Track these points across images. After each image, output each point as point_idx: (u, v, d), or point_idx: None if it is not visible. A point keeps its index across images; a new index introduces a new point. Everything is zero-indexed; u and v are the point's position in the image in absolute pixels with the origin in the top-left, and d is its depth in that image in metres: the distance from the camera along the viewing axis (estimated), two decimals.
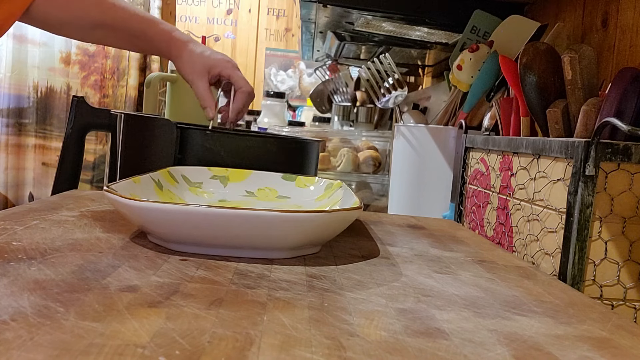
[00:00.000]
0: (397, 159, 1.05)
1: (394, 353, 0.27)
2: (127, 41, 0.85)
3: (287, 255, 0.45)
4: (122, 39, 0.84)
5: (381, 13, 1.15)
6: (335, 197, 0.59)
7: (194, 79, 0.78)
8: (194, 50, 0.79)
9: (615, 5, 0.84)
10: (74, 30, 0.84)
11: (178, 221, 0.40)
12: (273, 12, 3.00)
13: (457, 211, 0.86)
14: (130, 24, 0.81)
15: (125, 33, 0.82)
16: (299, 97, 2.79)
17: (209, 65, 0.78)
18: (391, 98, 1.27)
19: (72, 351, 0.24)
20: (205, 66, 0.78)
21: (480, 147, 0.78)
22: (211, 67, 0.78)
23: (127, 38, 0.83)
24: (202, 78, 0.78)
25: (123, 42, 0.86)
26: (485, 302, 0.37)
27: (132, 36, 0.82)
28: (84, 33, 0.84)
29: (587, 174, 0.51)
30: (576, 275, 0.52)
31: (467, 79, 1.00)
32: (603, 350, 0.30)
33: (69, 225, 0.50)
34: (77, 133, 0.84)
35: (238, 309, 0.31)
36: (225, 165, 0.68)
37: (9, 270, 0.35)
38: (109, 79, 2.52)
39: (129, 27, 0.81)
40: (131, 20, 0.81)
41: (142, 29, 0.81)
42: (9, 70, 2.39)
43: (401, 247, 0.54)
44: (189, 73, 0.79)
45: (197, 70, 0.78)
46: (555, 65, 0.66)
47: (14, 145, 2.44)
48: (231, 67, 0.79)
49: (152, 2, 2.61)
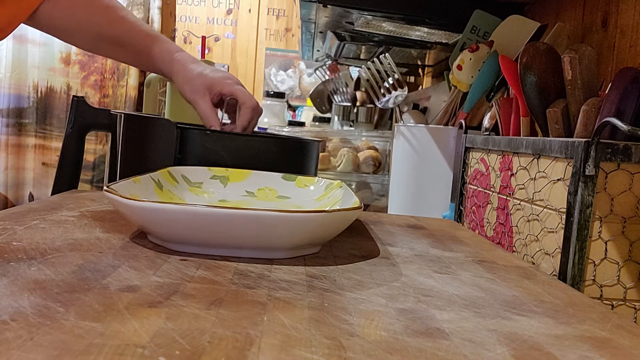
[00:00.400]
0: (397, 159, 1.05)
1: (394, 353, 0.27)
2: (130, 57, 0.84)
3: (287, 255, 0.45)
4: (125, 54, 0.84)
5: (381, 13, 1.15)
6: (335, 197, 0.59)
7: (196, 98, 0.77)
8: (194, 69, 0.77)
9: (615, 5, 0.84)
10: (79, 38, 0.84)
11: (178, 221, 0.40)
12: (273, 12, 3.00)
13: (457, 211, 0.86)
14: (135, 39, 0.81)
15: (129, 48, 0.82)
16: (299, 97, 2.79)
17: (208, 84, 0.76)
18: (391, 98, 1.27)
19: (72, 351, 0.24)
20: (205, 85, 0.76)
21: (480, 147, 0.78)
22: (211, 85, 0.76)
23: (130, 54, 0.83)
24: (204, 97, 0.76)
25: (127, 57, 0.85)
26: (485, 302, 0.37)
27: (135, 52, 0.82)
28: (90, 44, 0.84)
29: (587, 174, 0.51)
30: (576, 275, 0.52)
31: (467, 79, 1.00)
32: (603, 350, 0.30)
33: (69, 225, 0.50)
34: (77, 133, 0.84)
35: (238, 309, 0.31)
36: (225, 165, 0.68)
37: (9, 270, 0.35)
38: (109, 79, 2.52)
39: (134, 43, 0.81)
40: (136, 36, 0.81)
41: (146, 46, 0.81)
42: (9, 70, 2.39)
43: (401, 247, 0.54)
44: (190, 93, 0.77)
45: (198, 89, 0.76)
46: (555, 65, 0.66)
47: (14, 145, 2.44)
48: (232, 84, 0.77)
49: (152, 2, 2.61)
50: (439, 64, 1.63)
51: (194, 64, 0.78)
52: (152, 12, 2.63)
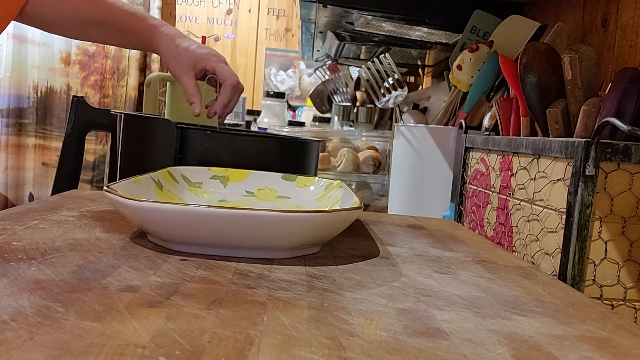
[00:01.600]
0: (397, 159, 1.05)
1: (394, 353, 0.27)
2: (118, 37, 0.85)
3: (287, 255, 0.45)
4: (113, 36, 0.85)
5: (381, 13, 1.15)
6: (335, 197, 0.59)
7: (180, 73, 0.78)
8: (180, 44, 0.78)
9: (615, 5, 0.84)
10: (66, 28, 0.85)
11: (178, 221, 0.40)
12: (273, 12, 3.00)
13: (457, 211, 0.86)
14: (120, 19, 0.82)
15: (116, 29, 0.83)
16: (299, 97, 2.79)
17: (194, 59, 0.77)
18: (391, 98, 1.27)
19: (72, 351, 0.24)
20: (190, 61, 0.77)
21: (480, 147, 0.78)
22: (197, 61, 0.77)
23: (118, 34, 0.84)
24: (188, 73, 0.77)
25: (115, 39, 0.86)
26: (485, 302, 0.37)
27: (122, 32, 0.83)
28: (77, 30, 0.85)
29: (587, 174, 0.51)
30: (576, 275, 0.52)
31: (467, 79, 1.00)
32: (603, 350, 0.30)
33: (69, 225, 0.50)
34: (77, 133, 0.84)
35: (238, 309, 0.31)
36: (225, 165, 0.68)
37: (9, 270, 0.35)
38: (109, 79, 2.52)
39: (120, 23, 0.82)
40: (121, 16, 0.81)
41: (132, 25, 0.82)
42: (9, 70, 2.39)
43: (401, 247, 0.54)
44: (175, 67, 0.79)
45: (183, 65, 0.77)
46: (555, 65, 0.66)
47: (14, 145, 2.44)
48: (216, 61, 0.78)
49: (152, 2, 2.61)
50: (439, 64, 1.63)
51: (180, 39, 0.79)
52: (152, 12, 2.63)
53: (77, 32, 0.86)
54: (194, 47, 0.78)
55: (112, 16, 0.82)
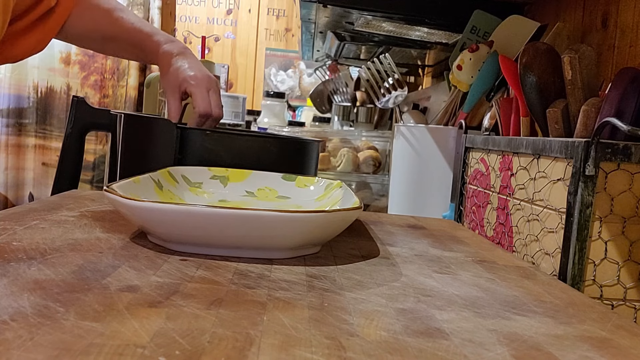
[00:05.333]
0: (397, 159, 1.05)
1: (394, 353, 0.27)
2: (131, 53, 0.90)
3: (287, 255, 0.45)
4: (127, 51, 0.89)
5: (381, 13, 1.15)
6: (335, 197, 0.59)
7: (167, 93, 0.80)
8: (174, 64, 0.80)
9: (615, 5, 0.84)
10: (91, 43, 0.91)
11: (178, 221, 0.40)
12: (273, 12, 3.00)
13: (457, 211, 0.86)
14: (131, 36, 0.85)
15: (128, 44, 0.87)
16: (299, 97, 2.79)
17: (179, 81, 0.78)
18: (391, 98, 1.27)
19: (72, 351, 0.24)
20: (177, 81, 0.78)
21: (480, 147, 0.78)
22: (180, 83, 0.78)
23: (130, 49, 0.88)
24: (174, 94, 0.79)
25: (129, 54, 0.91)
26: (485, 302, 0.37)
27: (134, 48, 0.87)
28: (100, 46, 0.91)
29: (587, 174, 0.51)
30: (576, 275, 0.52)
31: (467, 79, 1.00)
32: (603, 350, 0.30)
33: (69, 225, 0.50)
34: (77, 133, 0.84)
35: (238, 309, 0.31)
36: (225, 165, 0.68)
37: (9, 270, 0.35)
38: (109, 79, 2.52)
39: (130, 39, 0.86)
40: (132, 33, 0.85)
41: (140, 41, 0.85)
42: (9, 70, 2.38)
43: (401, 247, 0.54)
44: (165, 86, 0.81)
45: (170, 84, 0.79)
46: (555, 65, 0.66)
47: (14, 145, 2.44)
48: (194, 85, 0.77)
49: (152, 2, 2.61)
50: (439, 64, 1.63)
51: (176, 58, 0.80)
52: (152, 12, 2.63)
53: (100, 47, 0.92)
54: (185, 68, 0.79)
55: (124, 32, 0.85)
